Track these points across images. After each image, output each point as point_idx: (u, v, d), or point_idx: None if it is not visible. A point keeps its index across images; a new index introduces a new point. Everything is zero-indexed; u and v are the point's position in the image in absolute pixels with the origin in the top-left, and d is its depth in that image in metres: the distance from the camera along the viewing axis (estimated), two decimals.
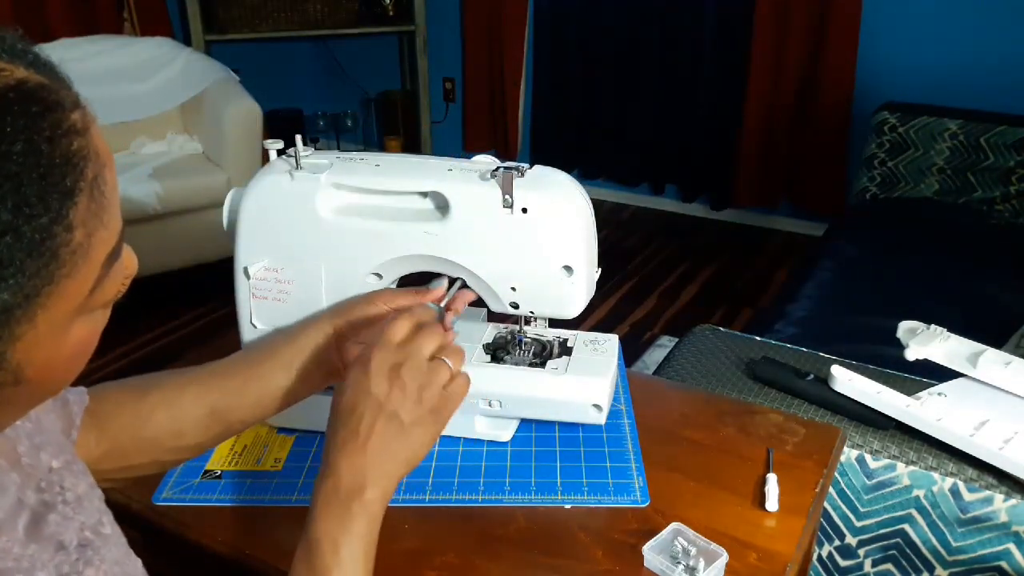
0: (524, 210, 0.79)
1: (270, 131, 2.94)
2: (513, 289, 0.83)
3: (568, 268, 0.81)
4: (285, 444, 0.94)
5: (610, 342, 0.94)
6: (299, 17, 3.52)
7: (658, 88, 3.46)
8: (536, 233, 0.80)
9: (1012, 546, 1.08)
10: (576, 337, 0.94)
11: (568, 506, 0.84)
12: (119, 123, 2.78)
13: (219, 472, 0.90)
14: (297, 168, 0.84)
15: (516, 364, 0.91)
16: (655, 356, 2.43)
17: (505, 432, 0.94)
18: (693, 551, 0.75)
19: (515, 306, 0.85)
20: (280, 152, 0.88)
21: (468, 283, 0.85)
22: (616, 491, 0.86)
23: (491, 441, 0.94)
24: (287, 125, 3.80)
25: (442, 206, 0.82)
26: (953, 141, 2.49)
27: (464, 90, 3.89)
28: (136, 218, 2.58)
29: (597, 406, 0.87)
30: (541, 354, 0.92)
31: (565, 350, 0.92)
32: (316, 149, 0.87)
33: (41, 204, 0.40)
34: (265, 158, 0.89)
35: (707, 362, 1.41)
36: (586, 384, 0.87)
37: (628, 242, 3.37)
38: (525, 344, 0.93)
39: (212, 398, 0.74)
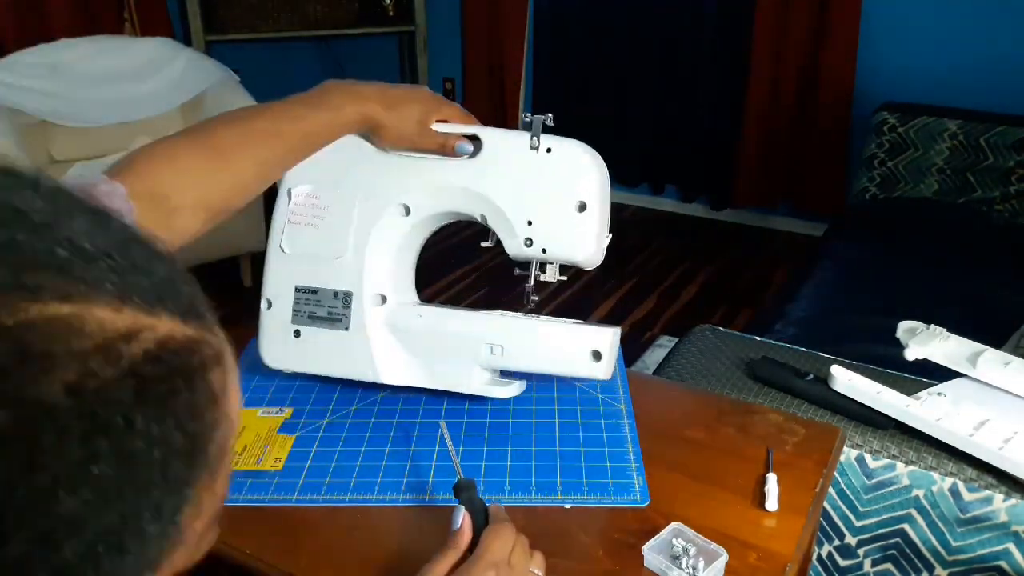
0: (548, 150, 0.88)
1: None
2: (529, 223, 0.89)
3: (583, 204, 0.87)
4: (285, 444, 0.94)
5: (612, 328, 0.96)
6: (299, 17, 3.52)
7: (658, 88, 3.46)
8: (557, 171, 0.88)
9: (1012, 546, 1.09)
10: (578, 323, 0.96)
11: (568, 506, 0.84)
12: (119, 123, 2.78)
13: None
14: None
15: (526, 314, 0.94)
16: (655, 356, 2.43)
17: (507, 389, 0.95)
18: (693, 551, 0.75)
19: (529, 243, 0.89)
20: None
21: (488, 220, 0.90)
22: (616, 491, 0.86)
23: (491, 438, 0.94)
24: None
25: (476, 147, 0.90)
26: (953, 141, 2.49)
27: (464, 90, 3.89)
28: None
29: (596, 352, 0.89)
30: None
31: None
32: None
33: (155, 508, 0.33)
34: None
35: (707, 362, 1.41)
36: (587, 331, 0.90)
37: (628, 242, 3.37)
38: (532, 302, 0.95)
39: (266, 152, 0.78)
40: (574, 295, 2.94)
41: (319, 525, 0.83)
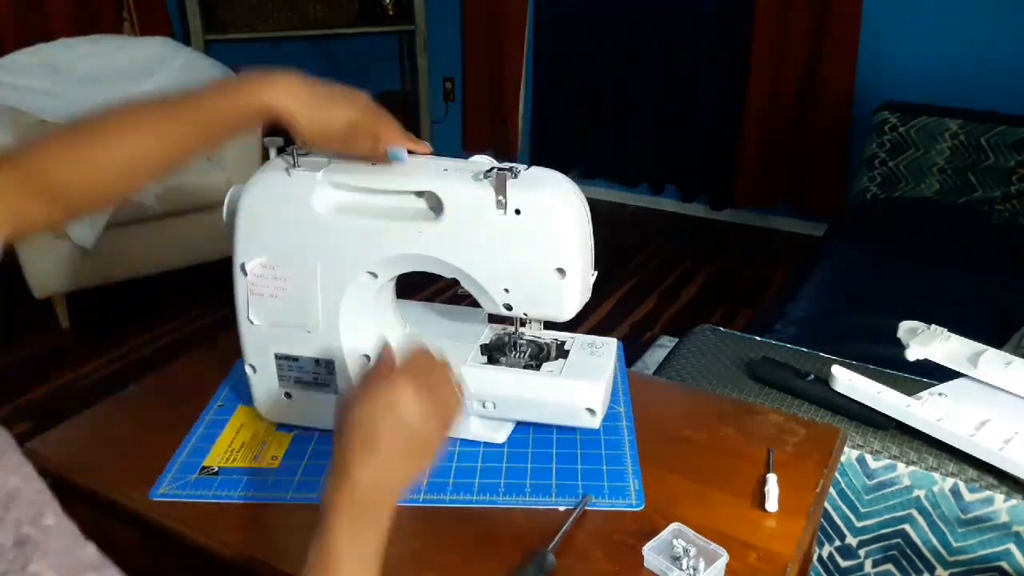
0: (517, 211, 0.79)
1: (269, 131, 2.94)
2: (506, 291, 0.83)
3: (561, 271, 0.80)
4: (283, 441, 0.94)
5: (608, 346, 0.93)
6: (299, 17, 3.52)
7: (658, 88, 3.46)
8: (529, 235, 0.80)
9: (1012, 546, 1.08)
10: (574, 340, 0.94)
11: (562, 508, 0.84)
12: None
13: (216, 469, 0.90)
14: (295, 166, 0.84)
15: (511, 366, 0.90)
16: (655, 356, 2.42)
17: (500, 434, 0.94)
18: (693, 551, 0.75)
19: (508, 307, 0.85)
20: (280, 150, 0.88)
21: (462, 283, 0.85)
22: (611, 494, 0.86)
23: (487, 443, 0.94)
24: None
25: (436, 206, 0.82)
26: (953, 141, 2.48)
27: (464, 90, 3.89)
28: (135, 218, 2.57)
29: (590, 410, 0.87)
30: (538, 356, 0.91)
31: (562, 353, 0.91)
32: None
33: None
34: (265, 158, 0.90)
35: (707, 362, 1.41)
36: (580, 387, 0.87)
37: (628, 242, 3.37)
38: (521, 346, 0.92)
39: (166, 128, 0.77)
40: None
41: (316, 523, 0.82)
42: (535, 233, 0.79)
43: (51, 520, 0.51)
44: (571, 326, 0.93)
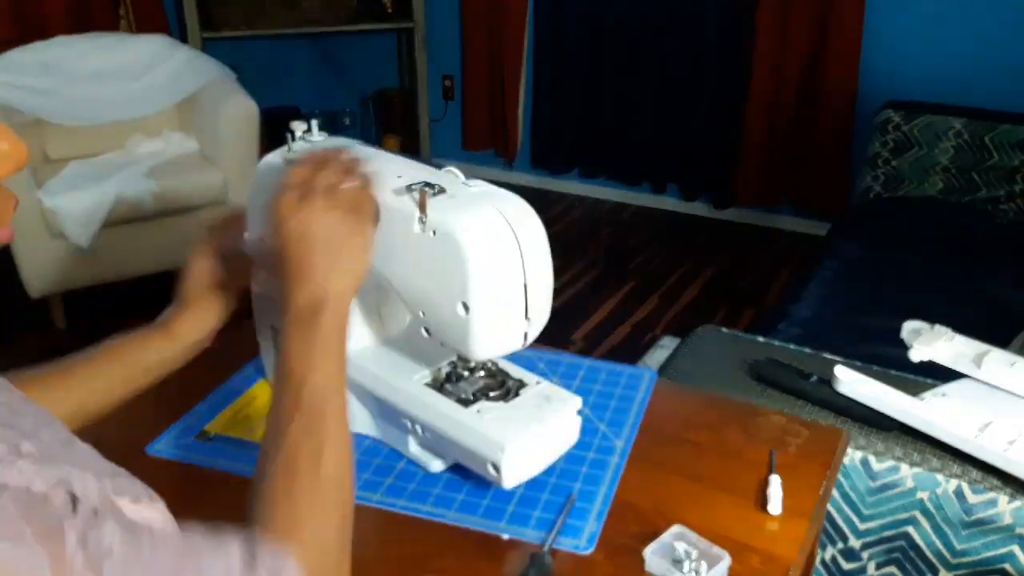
0: (434, 232, 0.72)
1: (267, 129, 2.93)
2: (423, 314, 0.77)
3: (465, 307, 0.72)
4: None
5: (566, 404, 0.82)
6: (296, 14, 3.51)
7: (659, 86, 3.45)
8: (441, 260, 0.72)
9: (1016, 548, 1.08)
10: (539, 384, 0.84)
11: (506, 537, 0.78)
12: (115, 122, 2.77)
13: (212, 435, 0.90)
14: (288, 151, 0.87)
15: (447, 395, 0.83)
16: (657, 357, 2.41)
17: (434, 463, 0.87)
18: (695, 554, 0.74)
19: (428, 332, 0.78)
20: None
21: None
22: (564, 531, 0.78)
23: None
24: (284, 123, 3.77)
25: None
26: (957, 140, 2.47)
27: (463, 88, 3.88)
28: (133, 217, 2.57)
29: (495, 466, 0.77)
30: (485, 391, 0.83)
31: (515, 393, 0.83)
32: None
33: None
34: (262, 156, 0.92)
35: (709, 363, 1.40)
36: (491, 437, 0.77)
37: (629, 242, 3.36)
38: (476, 377, 0.85)
39: (76, 398, 0.78)
40: (576, 295, 2.92)
41: None
42: (444, 259, 0.71)
43: (82, 446, 0.52)
44: (569, 328, 0.90)
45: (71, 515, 0.42)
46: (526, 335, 0.76)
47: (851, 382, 1.20)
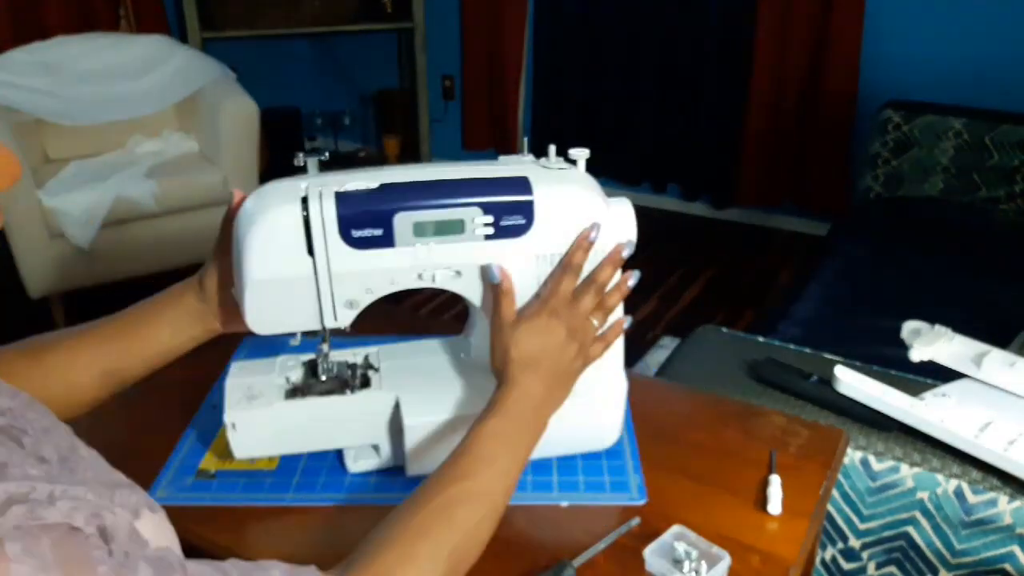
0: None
1: (267, 130, 2.93)
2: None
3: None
4: None
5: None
6: (296, 14, 3.51)
7: (660, 86, 3.44)
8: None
9: (1016, 548, 1.08)
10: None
11: (565, 504, 0.83)
12: (115, 121, 2.77)
13: (213, 472, 0.89)
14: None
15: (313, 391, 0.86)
16: (657, 357, 2.41)
17: (355, 464, 0.88)
18: (695, 554, 0.74)
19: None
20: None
21: None
22: (613, 488, 0.85)
23: None
24: (284, 123, 3.79)
25: None
26: (958, 140, 2.47)
27: (463, 88, 3.88)
28: (133, 217, 2.56)
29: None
30: (341, 385, 0.86)
31: (365, 380, 0.86)
32: (314, 148, 0.84)
33: None
34: (262, 157, 0.89)
35: (709, 363, 1.40)
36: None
37: None
38: (327, 369, 0.87)
39: (105, 361, 0.79)
40: None
41: (315, 524, 0.82)
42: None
43: (84, 452, 0.55)
44: None
45: (106, 559, 0.42)
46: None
47: (851, 382, 1.20)
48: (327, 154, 0.81)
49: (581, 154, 0.85)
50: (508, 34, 3.60)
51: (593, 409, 0.86)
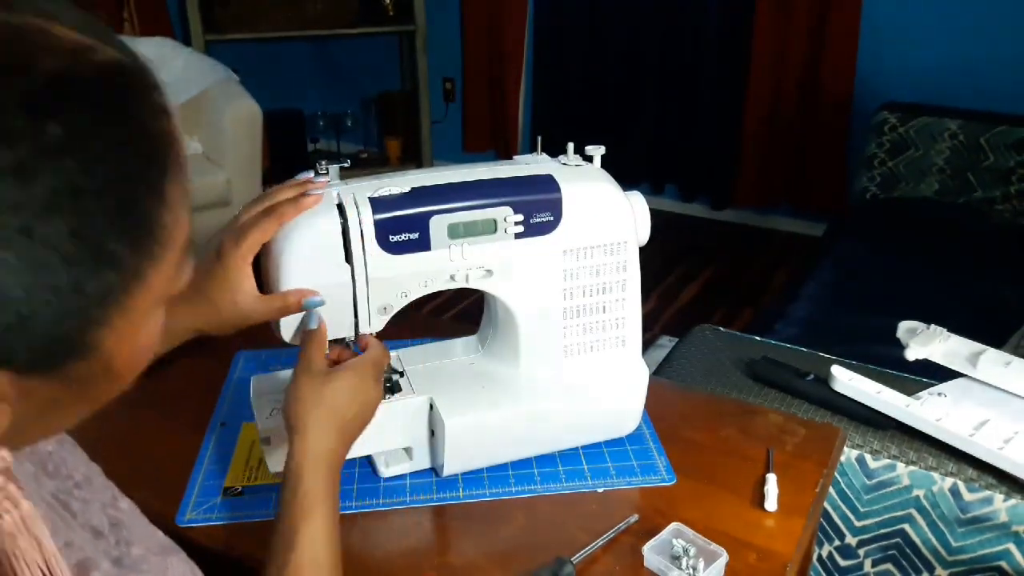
0: None
1: (270, 132, 2.93)
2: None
3: None
4: None
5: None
6: (299, 17, 3.52)
7: (658, 87, 3.45)
8: None
9: (1012, 546, 1.08)
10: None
11: (601, 490, 0.86)
12: None
13: (240, 488, 0.87)
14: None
15: None
16: (655, 356, 2.42)
17: (387, 469, 0.88)
18: (693, 551, 0.75)
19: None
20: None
21: None
22: (643, 471, 0.88)
23: None
24: (287, 125, 3.79)
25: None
26: (953, 141, 2.48)
27: (464, 90, 3.89)
28: None
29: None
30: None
31: (394, 385, 0.87)
32: (316, 149, 0.84)
33: (144, 181, 0.39)
34: (265, 158, 0.89)
35: (707, 362, 1.41)
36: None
37: None
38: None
39: None
40: None
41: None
42: None
43: (124, 504, 0.55)
44: None
45: None
46: None
47: (848, 381, 1.21)
48: (348, 161, 0.82)
49: (597, 151, 0.88)
50: (508, 37, 3.60)
51: (618, 396, 0.89)
